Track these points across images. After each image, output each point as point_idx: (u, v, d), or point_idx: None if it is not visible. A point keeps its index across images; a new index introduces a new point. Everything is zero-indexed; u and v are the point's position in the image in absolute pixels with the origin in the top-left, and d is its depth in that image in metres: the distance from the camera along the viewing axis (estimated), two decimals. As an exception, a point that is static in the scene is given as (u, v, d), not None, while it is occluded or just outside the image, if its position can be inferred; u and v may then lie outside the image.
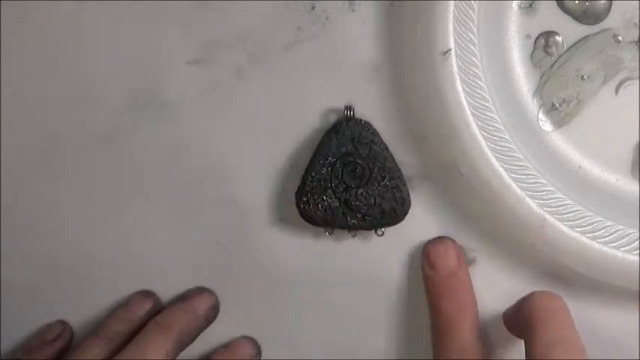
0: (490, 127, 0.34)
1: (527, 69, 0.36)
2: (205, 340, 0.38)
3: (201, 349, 0.39)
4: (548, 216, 0.34)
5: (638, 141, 0.36)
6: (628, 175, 0.36)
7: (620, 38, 0.36)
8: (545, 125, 0.36)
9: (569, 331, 0.30)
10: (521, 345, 0.31)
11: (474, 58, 0.34)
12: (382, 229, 0.36)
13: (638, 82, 0.36)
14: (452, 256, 0.34)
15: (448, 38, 0.34)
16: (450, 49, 0.34)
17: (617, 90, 0.36)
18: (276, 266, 0.38)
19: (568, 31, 0.36)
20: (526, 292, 0.33)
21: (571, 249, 0.34)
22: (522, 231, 0.34)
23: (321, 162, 0.36)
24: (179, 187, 0.38)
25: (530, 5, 0.36)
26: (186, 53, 0.37)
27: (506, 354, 0.36)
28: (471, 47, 0.34)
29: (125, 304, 0.38)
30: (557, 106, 0.36)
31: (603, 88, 0.36)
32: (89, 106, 0.38)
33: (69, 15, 0.37)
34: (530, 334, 0.30)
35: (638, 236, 0.34)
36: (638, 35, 0.36)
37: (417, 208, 0.36)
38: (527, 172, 0.34)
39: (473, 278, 0.36)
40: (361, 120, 0.36)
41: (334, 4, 0.37)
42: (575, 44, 0.36)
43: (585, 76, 0.36)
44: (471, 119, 0.34)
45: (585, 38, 0.36)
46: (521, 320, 0.31)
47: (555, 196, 0.34)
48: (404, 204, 0.35)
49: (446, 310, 0.33)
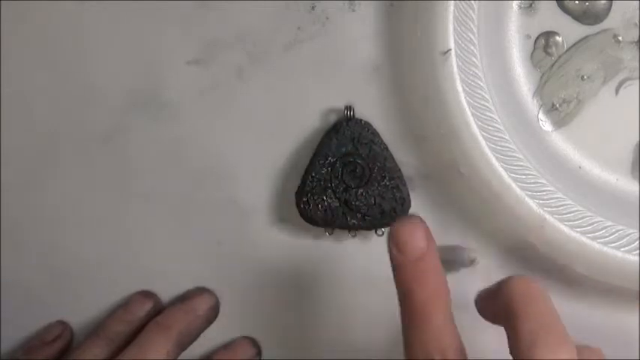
0: (490, 127, 0.34)
1: (527, 69, 0.36)
2: (205, 340, 0.38)
3: (201, 349, 0.39)
4: (548, 216, 0.34)
5: (638, 141, 0.36)
6: (628, 175, 0.36)
7: (620, 38, 0.36)
8: (545, 125, 0.36)
9: (552, 316, 0.29)
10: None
11: (473, 58, 0.34)
12: (382, 229, 0.36)
13: (638, 82, 0.36)
14: (421, 237, 0.31)
15: (448, 38, 0.34)
16: (450, 49, 0.34)
17: (617, 90, 0.36)
18: (276, 266, 0.38)
19: (568, 31, 0.36)
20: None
21: (571, 249, 0.34)
22: (522, 231, 0.34)
23: (321, 162, 0.36)
24: (179, 187, 0.38)
25: (530, 5, 0.36)
26: (186, 53, 0.37)
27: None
28: (471, 47, 0.34)
29: (125, 304, 0.38)
30: (557, 106, 0.36)
31: (603, 88, 0.36)
32: (89, 106, 0.38)
33: (69, 15, 0.37)
34: (511, 322, 0.28)
35: (638, 236, 0.34)
36: (638, 35, 0.36)
37: (417, 208, 0.36)
38: (527, 172, 0.34)
39: (473, 278, 0.36)
40: (361, 120, 0.36)
41: (334, 4, 0.37)
42: (575, 44, 0.36)
43: (585, 76, 0.36)
44: (471, 119, 0.34)
45: (585, 38, 0.36)
46: (498, 306, 0.30)
47: (555, 196, 0.34)
48: (404, 204, 0.35)
49: (419, 297, 0.30)
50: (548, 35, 0.36)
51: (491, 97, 0.34)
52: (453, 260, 0.37)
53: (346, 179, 0.36)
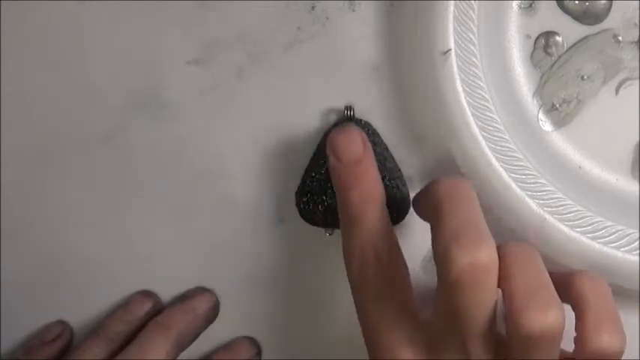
0: (490, 127, 0.34)
1: (527, 69, 0.36)
2: (205, 340, 0.38)
3: (201, 349, 0.39)
4: (548, 216, 0.34)
5: (638, 141, 0.36)
6: (628, 175, 0.36)
7: (620, 38, 0.36)
8: (545, 125, 0.36)
9: (476, 214, 0.29)
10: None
11: (473, 58, 0.34)
12: (382, 229, 0.36)
13: (638, 82, 0.36)
14: (357, 144, 0.32)
15: (448, 38, 0.34)
16: (450, 49, 0.34)
17: (617, 90, 0.36)
18: (276, 266, 0.38)
19: (568, 31, 0.36)
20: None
21: (571, 249, 0.34)
22: (522, 231, 0.34)
23: (321, 162, 0.36)
24: (179, 187, 0.38)
25: (530, 5, 0.36)
26: (186, 53, 0.37)
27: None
28: (471, 47, 0.34)
29: (125, 304, 0.38)
30: (557, 106, 0.36)
31: (603, 88, 0.36)
32: (89, 106, 0.38)
33: (69, 15, 0.37)
34: (436, 219, 0.29)
35: (638, 236, 0.34)
36: (638, 35, 0.36)
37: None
38: (527, 172, 0.34)
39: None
40: (361, 120, 0.36)
41: (334, 4, 0.37)
42: (575, 44, 0.36)
43: (585, 76, 0.36)
44: (471, 119, 0.34)
45: (585, 38, 0.36)
46: (427, 205, 0.30)
47: (555, 196, 0.34)
48: (404, 204, 0.35)
49: (354, 198, 0.31)
50: (548, 35, 0.36)
51: (491, 97, 0.34)
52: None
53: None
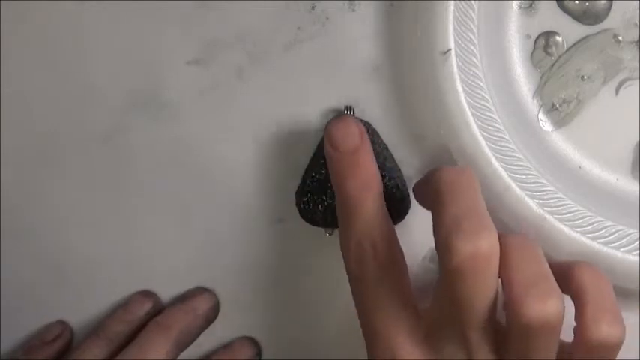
0: (490, 127, 0.34)
1: (527, 69, 0.36)
2: (205, 340, 0.38)
3: (201, 349, 0.39)
4: (548, 216, 0.34)
5: (638, 141, 0.36)
6: (628, 175, 0.36)
7: (620, 38, 0.36)
8: (545, 125, 0.36)
9: (477, 203, 0.29)
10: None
11: (473, 58, 0.34)
12: (382, 229, 0.36)
13: (638, 82, 0.36)
14: (354, 134, 0.32)
15: (448, 38, 0.34)
16: (450, 49, 0.34)
17: (617, 90, 0.36)
18: (276, 266, 0.38)
19: (568, 31, 0.36)
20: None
21: (571, 249, 0.34)
22: (522, 231, 0.34)
23: (321, 162, 0.36)
24: (179, 187, 0.38)
25: (530, 5, 0.36)
26: (186, 53, 0.37)
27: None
28: (471, 47, 0.34)
29: (125, 304, 0.38)
30: (557, 106, 0.36)
31: (603, 88, 0.36)
32: (89, 106, 0.38)
33: (69, 15, 0.37)
34: (437, 208, 0.29)
35: (638, 236, 0.34)
36: (638, 35, 0.36)
37: (417, 208, 0.36)
38: (527, 172, 0.34)
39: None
40: (361, 120, 0.36)
41: (334, 4, 0.37)
42: (575, 44, 0.36)
43: (585, 76, 0.36)
44: (471, 119, 0.34)
45: (585, 38, 0.36)
46: (428, 194, 0.30)
47: (555, 196, 0.34)
48: (404, 204, 0.35)
49: (350, 188, 0.31)
50: (548, 35, 0.36)
51: (491, 97, 0.34)
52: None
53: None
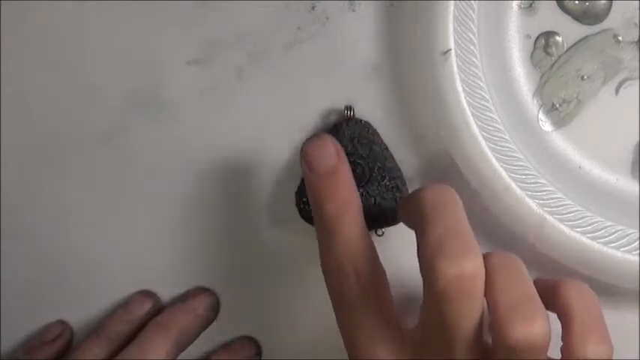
0: (490, 127, 0.34)
1: (527, 69, 0.36)
2: (205, 340, 0.38)
3: (201, 349, 0.39)
4: (548, 216, 0.34)
5: (638, 141, 0.36)
6: (628, 175, 0.36)
7: (620, 38, 0.36)
8: (545, 125, 0.36)
9: (461, 223, 0.28)
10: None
11: (473, 58, 0.34)
12: (382, 229, 0.36)
13: (638, 82, 0.36)
14: (330, 154, 0.31)
15: (448, 38, 0.34)
16: (450, 49, 0.34)
17: (617, 90, 0.36)
18: (276, 266, 0.38)
19: (568, 31, 0.36)
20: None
21: (571, 249, 0.34)
22: (522, 231, 0.34)
23: (321, 162, 0.36)
24: (179, 187, 0.38)
25: (530, 5, 0.36)
26: (186, 53, 0.37)
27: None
28: (471, 47, 0.34)
29: (125, 304, 0.38)
30: (557, 106, 0.36)
31: (603, 88, 0.36)
32: (89, 106, 0.38)
33: (69, 15, 0.37)
34: (421, 228, 0.29)
35: (638, 236, 0.34)
36: (638, 35, 0.36)
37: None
38: (527, 172, 0.34)
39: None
40: (361, 120, 0.36)
41: (334, 4, 0.37)
42: (575, 44, 0.36)
43: (585, 76, 0.36)
44: (471, 119, 0.34)
45: (585, 38, 0.36)
46: (412, 213, 0.30)
47: (555, 196, 0.34)
48: (404, 204, 0.35)
49: (329, 209, 0.31)
50: (548, 35, 0.36)
51: (491, 97, 0.34)
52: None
53: (346, 179, 0.36)
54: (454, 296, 0.27)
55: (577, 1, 0.35)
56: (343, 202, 0.31)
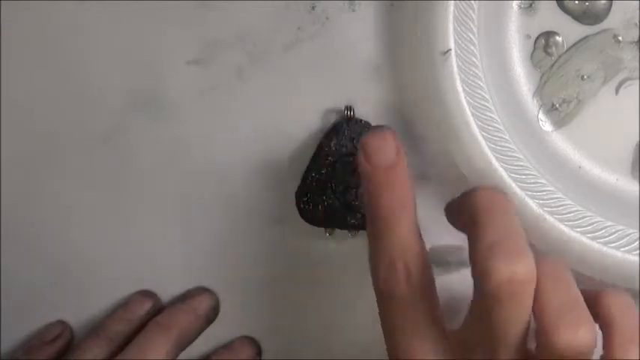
0: (490, 127, 0.34)
1: (527, 69, 0.36)
2: (205, 340, 0.38)
3: (201, 349, 0.39)
4: (548, 216, 0.34)
5: (638, 141, 0.36)
6: (628, 175, 0.36)
7: (620, 38, 0.36)
8: (545, 125, 0.36)
9: (515, 226, 0.28)
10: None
11: (473, 58, 0.34)
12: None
13: (638, 82, 0.36)
14: (390, 148, 0.31)
15: (448, 38, 0.34)
16: (450, 49, 0.34)
17: (617, 90, 0.36)
18: (276, 266, 0.38)
19: (568, 31, 0.36)
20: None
21: (571, 249, 0.34)
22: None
23: (320, 162, 0.36)
24: (179, 187, 0.38)
25: (530, 5, 0.36)
26: (186, 53, 0.37)
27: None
28: (471, 47, 0.34)
29: (125, 304, 0.38)
30: (557, 106, 0.36)
31: (603, 88, 0.36)
32: (89, 106, 0.38)
33: (69, 15, 0.37)
34: (473, 230, 0.28)
35: (638, 236, 0.34)
36: (638, 35, 0.36)
37: (417, 208, 0.36)
38: (527, 172, 0.34)
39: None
40: (361, 120, 0.36)
41: (334, 4, 0.37)
42: (575, 44, 0.36)
43: (585, 76, 0.36)
44: (471, 119, 0.34)
45: (585, 38, 0.36)
46: (463, 216, 0.30)
47: (555, 196, 0.34)
48: (404, 204, 0.35)
49: (385, 204, 0.30)
50: (548, 35, 0.36)
51: (491, 97, 0.34)
52: (452, 260, 0.37)
53: (346, 179, 0.36)
54: (505, 298, 0.27)
55: (577, 1, 0.35)
56: (401, 197, 0.30)
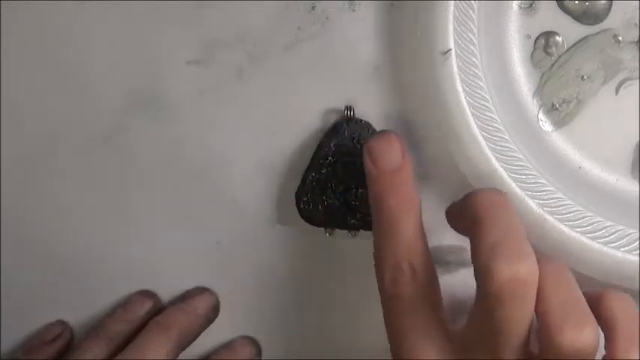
0: (490, 127, 0.34)
1: (527, 69, 0.36)
2: (205, 340, 0.38)
3: (201, 349, 0.39)
4: (548, 216, 0.34)
5: (638, 141, 0.36)
6: (628, 175, 0.36)
7: (620, 38, 0.36)
8: (545, 125, 0.36)
9: (517, 227, 0.29)
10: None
11: (473, 58, 0.34)
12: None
13: (638, 82, 0.36)
14: (396, 152, 0.32)
15: (448, 38, 0.34)
16: (450, 49, 0.34)
17: (617, 90, 0.36)
18: (276, 266, 0.38)
19: (568, 31, 0.36)
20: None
21: (571, 249, 0.34)
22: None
23: (321, 162, 0.36)
24: (179, 187, 0.38)
25: (530, 5, 0.36)
26: (186, 53, 0.37)
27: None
28: (471, 47, 0.34)
29: (125, 304, 0.38)
30: (557, 106, 0.36)
31: (603, 88, 0.36)
32: (89, 106, 0.38)
33: (69, 15, 0.37)
34: (475, 231, 0.29)
35: (638, 236, 0.34)
36: (638, 35, 0.36)
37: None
38: (527, 172, 0.34)
39: (473, 279, 0.36)
40: (361, 120, 0.36)
41: (334, 4, 0.37)
42: (575, 44, 0.36)
43: (585, 76, 0.36)
44: (471, 119, 0.34)
45: (585, 38, 0.36)
46: (465, 217, 0.30)
47: (555, 196, 0.34)
48: (404, 204, 0.35)
49: (390, 206, 0.31)
50: (548, 35, 0.36)
51: (491, 97, 0.34)
52: (454, 260, 0.37)
53: (346, 179, 0.36)
54: (507, 298, 0.27)
55: (577, 1, 0.35)
56: (406, 200, 0.31)
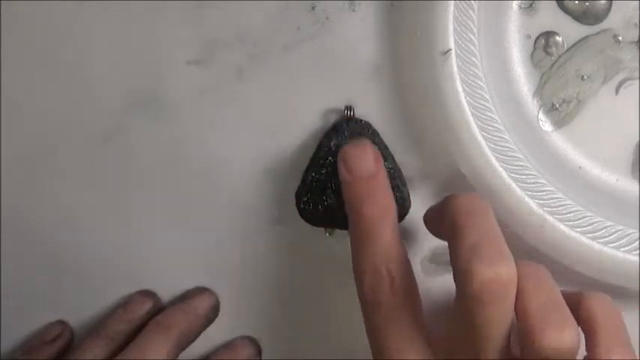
0: (490, 127, 0.34)
1: (527, 69, 0.36)
2: (205, 340, 0.38)
3: (201, 349, 0.39)
4: (548, 216, 0.34)
5: (638, 141, 0.36)
6: (628, 175, 0.36)
7: (620, 38, 0.36)
8: (545, 125, 0.36)
9: (495, 230, 0.29)
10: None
11: (473, 58, 0.34)
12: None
13: (638, 82, 0.36)
14: (370, 159, 0.32)
15: (448, 38, 0.34)
16: (450, 49, 0.34)
17: (617, 90, 0.36)
18: (276, 266, 0.38)
19: (568, 31, 0.36)
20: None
21: (571, 249, 0.34)
22: (522, 231, 0.34)
23: (321, 162, 0.36)
24: (179, 187, 0.38)
25: (530, 5, 0.36)
26: (186, 53, 0.37)
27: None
28: (471, 47, 0.34)
29: (125, 304, 0.38)
30: (557, 106, 0.36)
31: (603, 88, 0.36)
32: (89, 106, 0.38)
33: (69, 15, 0.37)
34: (453, 235, 0.29)
35: (638, 236, 0.34)
36: (638, 35, 0.36)
37: (417, 208, 0.36)
38: (527, 172, 0.34)
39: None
40: (361, 120, 0.36)
41: (334, 4, 0.37)
42: (575, 44, 0.36)
43: (585, 76, 0.36)
44: (471, 119, 0.34)
45: (585, 38, 0.36)
46: (443, 222, 0.31)
47: (555, 196, 0.34)
48: (404, 204, 0.35)
49: (367, 214, 0.31)
50: (548, 35, 0.36)
51: (491, 97, 0.34)
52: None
53: (346, 179, 0.36)
54: (487, 300, 0.27)
55: (577, 1, 0.35)
56: (382, 206, 0.32)
